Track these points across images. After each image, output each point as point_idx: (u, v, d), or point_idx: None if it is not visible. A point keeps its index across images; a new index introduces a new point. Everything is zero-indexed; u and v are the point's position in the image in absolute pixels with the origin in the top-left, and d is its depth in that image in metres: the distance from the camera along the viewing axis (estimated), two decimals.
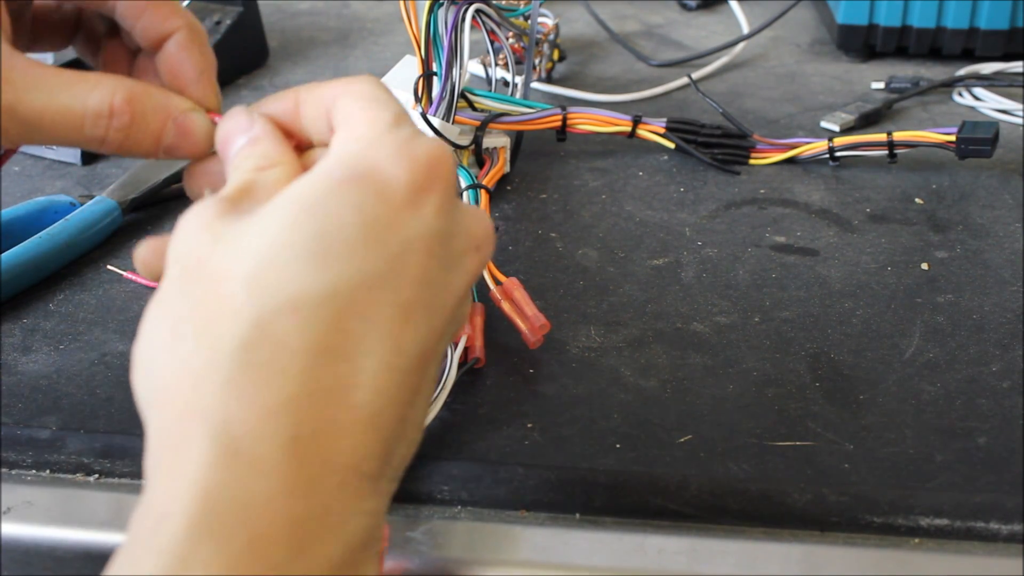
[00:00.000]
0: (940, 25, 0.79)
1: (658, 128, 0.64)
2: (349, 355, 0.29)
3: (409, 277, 0.31)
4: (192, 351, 0.29)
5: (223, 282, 0.30)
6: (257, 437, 0.28)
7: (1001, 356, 0.48)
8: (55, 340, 0.50)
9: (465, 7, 0.58)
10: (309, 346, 0.29)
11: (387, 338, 0.30)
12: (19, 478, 0.43)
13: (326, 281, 0.29)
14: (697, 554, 0.40)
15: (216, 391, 0.28)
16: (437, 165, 0.32)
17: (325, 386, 0.29)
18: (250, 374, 0.28)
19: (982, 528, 0.40)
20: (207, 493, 0.27)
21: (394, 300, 0.30)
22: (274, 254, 0.30)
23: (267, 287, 0.29)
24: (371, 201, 0.30)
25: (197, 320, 0.30)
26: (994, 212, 0.60)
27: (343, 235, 0.30)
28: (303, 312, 0.29)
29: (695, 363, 0.48)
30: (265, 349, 0.29)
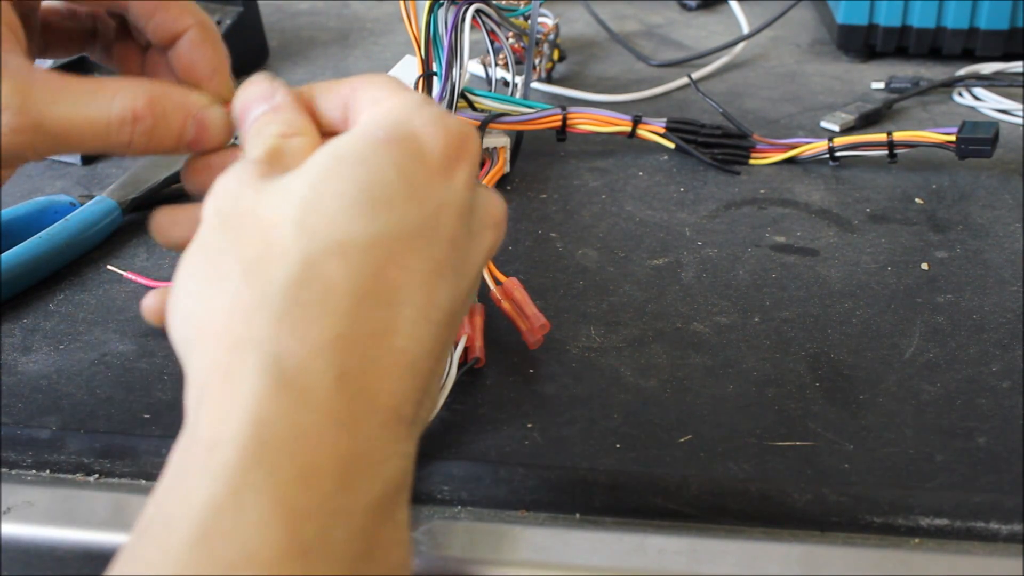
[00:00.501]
0: (940, 25, 0.79)
1: (658, 128, 0.64)
2: (391, 301, 0.31)
3: (442, 236, 0.32)
4: (241, 288, 0.30)
5: (271, 226, 0.31)
6: (308, 371, 0.29)
7: (1001, 356, 0.48)
8: (55, 340, 0.50)
9: (465, 7, 0.58)
10: (355, 288, 0.30)
11: (423, 289, 0.31)
12: (19, 478, 0.43)
13: (371, 229, 0.31)
14: (697, 554, 0.40)
15: (268, 325, 0.29)
16: (468, 139, 0.34)
17: (369, 328, 0.30)
18: (301, 310, 0.29)
19: (982, 528, 0.40)
20: (260, 422, 0.28)
21: (429, 255, 0.32)
22: (321, 201, 0.31)
23: (316, 230, 0.30)
24: (411, 161, 0.32)
25: (245, 260, 0.30)
26: (994, 212, 0.60)
27: (386, 189, 0.31)
28: (350, 256, 0.30)
29: (695, 363, 0.48)
30: (315, 288, 0.30)
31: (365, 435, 0.29)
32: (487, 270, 0.50)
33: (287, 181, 0.32)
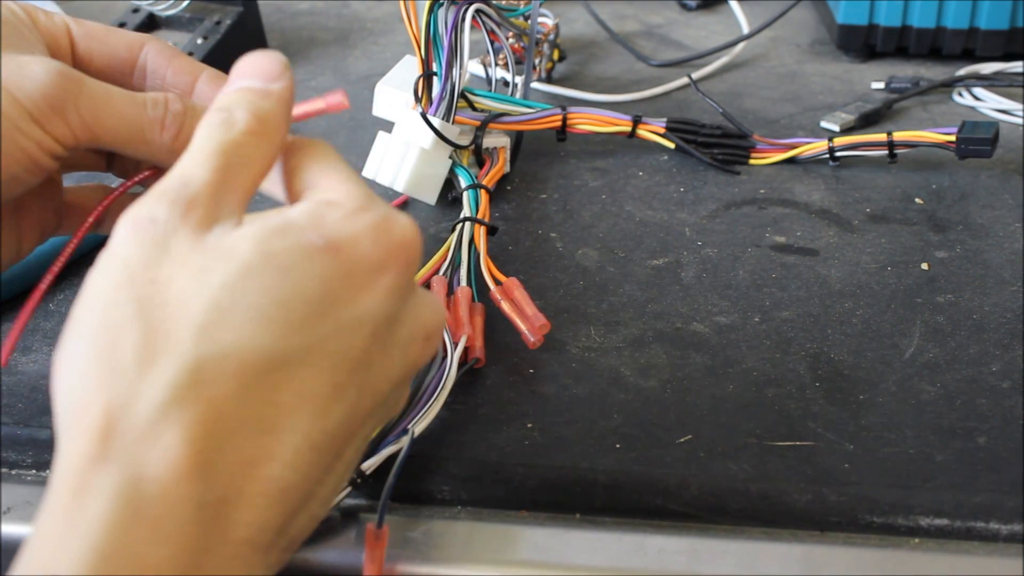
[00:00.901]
0: (940, 25, 0.79)
1: (658, 128, 0.64)
2: (274, 428, 0.29)
3: (350, 357, 0.30)
4: (126, 379, 0.28)
5: (175, 315, 0.29)
6: (166, 500, 0.27)
7: (1001, 356, 0.48)
8: (55, 340, 0.50)
9: (465, 7, 0.58)
10: (238, 412, 0.28)
11: (314, 415, 0.29)
12: (19, 478, 0.43)
13: (275, 349, 0.29)
14: (697, 554, 0.40)
15: (136, 439, 0.27)
16: (407, 247, 0.32)
17: (243, 456, 0.28)
18: (174, 428, 0.27)
19: (982, 528, 0.40)
20: (104, 557, 0.26)
21: (331, 379, 0.30)
22: (233, 309, 0.29)
23: (217, 340, 0.28)
24: (339, 276, 0.30)
25: (137, 346, 0.28)
26: (994, 212, 0.60)
27: (303, 307, 0.29)
28: (244, 377, 0.28)
29: (695, 363, 0.48)
30: (195, 404, 0.28)
31: (210, 569, 0.27)
32: (487, 270, 0.50)
33: (207, 264, 0.29)
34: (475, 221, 0.54)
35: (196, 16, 0.77)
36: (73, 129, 0.37)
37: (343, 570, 0.39)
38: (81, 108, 0.37)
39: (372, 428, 0.33)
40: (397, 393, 0.34)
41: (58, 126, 0.37)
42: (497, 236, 0.57)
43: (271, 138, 0.34)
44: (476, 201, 0.56)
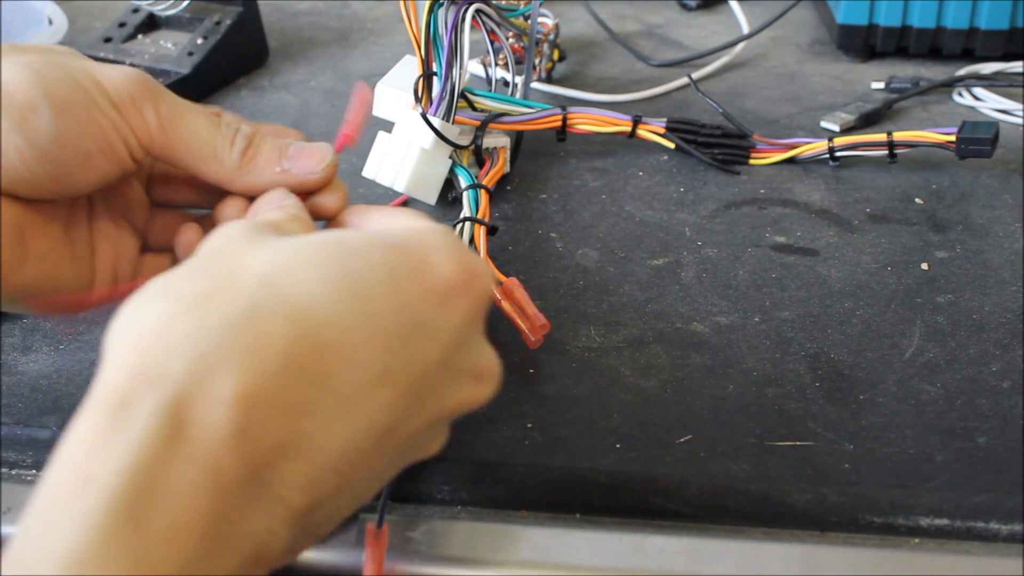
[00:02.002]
0: (940, 25, 0.79)
1: (658, 128, 0.64)
2: (319, 383, 0.29)
3: (410, 354, 0.30)
4: (179, 314, 0.29)
5: (240, 269, 0.30)
6: (204, 423, 0.27)
7: (1001, 356, 0.48)
8: (55, 340, 0.50)
9: (465, 7, 0.58)
10: (288, 354, 0.28)
11: (361, 389, 0.29)
12: (19, 478, 0.43)
13: (333, 308, 0.29)
14: (697, 554, 0.40)
15: (183, 363, 0.28)
16: (481, 278, 0.33)
17: (284, 399, 0.28)
18: (222, 356, 0.28)
19: (982, 528, 0.40)
20: (140, 468, 0.26)
21: (384, 361, 0.30)
22: (298, 265, 0.30)
23: (277, 286, 0.29)
24: (408, 274, 0.31)
25: (199, 290, 0.29)
26: (994, 212, 0.60)
27: (368, 283, 0.30)
28: (299, 323, 0.29)
29: (695, 363, 0.48)
30: (247, 338, 0.28)
31: (236, 501, 0.27)
32: None
33: (281, 241, 0.32)
34: (475, 221, 0.54)
35: (196, 16, 0.77)
36: (150, 128, 0.38)
37: (343, 570, 0.39)
38: (160, 110, 0.38)
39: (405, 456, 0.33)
40: (437, 429, 0.34)
41: (138, 119, 0.38)
42: (497, 236, 0.57)
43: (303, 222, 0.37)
44: (476, 201, 0.56)
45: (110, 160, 0.38)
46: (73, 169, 0.37)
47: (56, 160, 0.37)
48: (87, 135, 0.37)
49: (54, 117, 0.36)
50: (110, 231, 0.42)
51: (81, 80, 0.37)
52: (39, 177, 0.37)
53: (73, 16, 0.83)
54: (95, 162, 0.38)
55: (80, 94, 0.37)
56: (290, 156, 0.40)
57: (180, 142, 0.39)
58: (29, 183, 0.37)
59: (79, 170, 0.37)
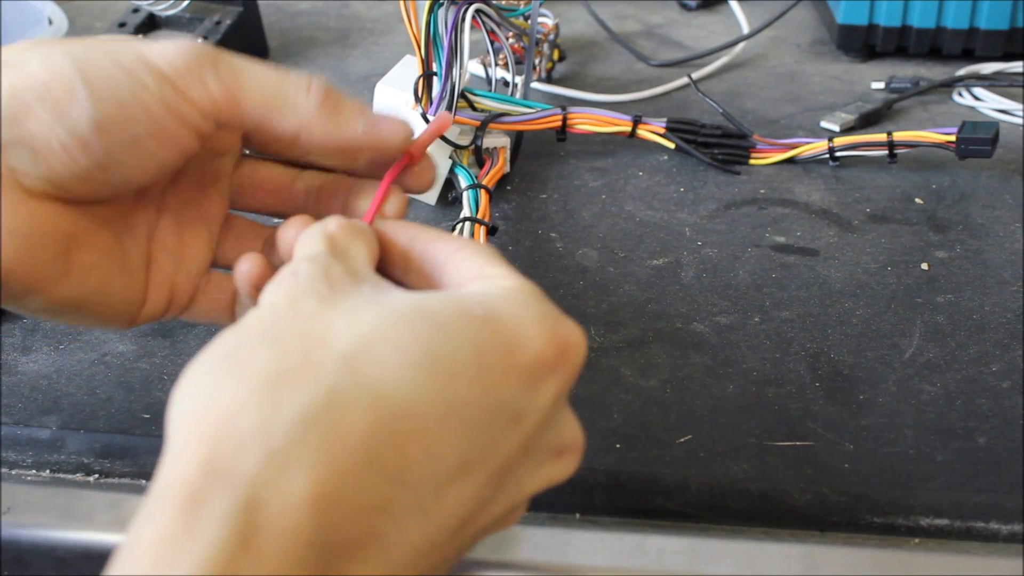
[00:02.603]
0: (940, 25, 0.79)
1: (658, 128, 0.64)
2: (396, 479, 0.27)
3: (493, 442, 0.28)
4: (251, 401, 0.27)
5: (317, 345, 0.28)
6: (279, 531, 0.25)
7: (1001, 356, 0.48)
8: (55, 340, 0.50)
9: (465, 7, 0.58)
10: (367, 448, 0.26)
11: (439, 483, 0.28)
12: (19, 478, 0.43)
13: (415, 396, 0.27)
14: (697, 554, 0.40)
15: (258, 460, 0.26)
16: (574, 351, 0.30)
17: (358, 498, 0.26)
18: (298, 453, 0.26)
19: (982, 528, 0.40)
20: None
21: (465, 451, 0.28)
22: (381, 345, 0.28)
23: (359, 371, 0.27)
24: (495, 349, 0.29)
25: (271, 369, 0.27)
26: (994, 212, 0.60)
27: (453, 364, 0.28)
28: (380, 413, 0.27)
29: (695, 363, 0.48)
30: (326, 431, 0.26)
31: None
32: None
33: (357, 306, 0.29)
34: (475, 221, 0.54)
35: (196, 16, 0.77)
36: (213, 95, 0.35)
37: None
38: (221, 73, 0.35)
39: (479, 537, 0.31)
40: (519, 509, 0.32)
41: (198, 90, 0.35)
42: (497, 236, 0.57)
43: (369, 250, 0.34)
44: (476, 201, 0.56)
45: (164, 143, 0.35)
46: (122, 157, 0.34)
47: (101, 149, 0.34)
48: (133, 119, 0.34)
49: (93, 102, 0.33)
50: (172, 243, 0.39)
51: (125, 61, 0.34)
52: (86, 170, 0.34)
53: (73, 16, 0.83)
54: (146, 147, 0.35)
55: (122, 76, 0.34)
56: (371, 119, 0.37)
57: (248, 99, 0.35)
58: (78, 178, 0.34)
59: (129, 158, 0.35)
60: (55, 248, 0.35)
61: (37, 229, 0.34)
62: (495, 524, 0.31)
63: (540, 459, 0.31)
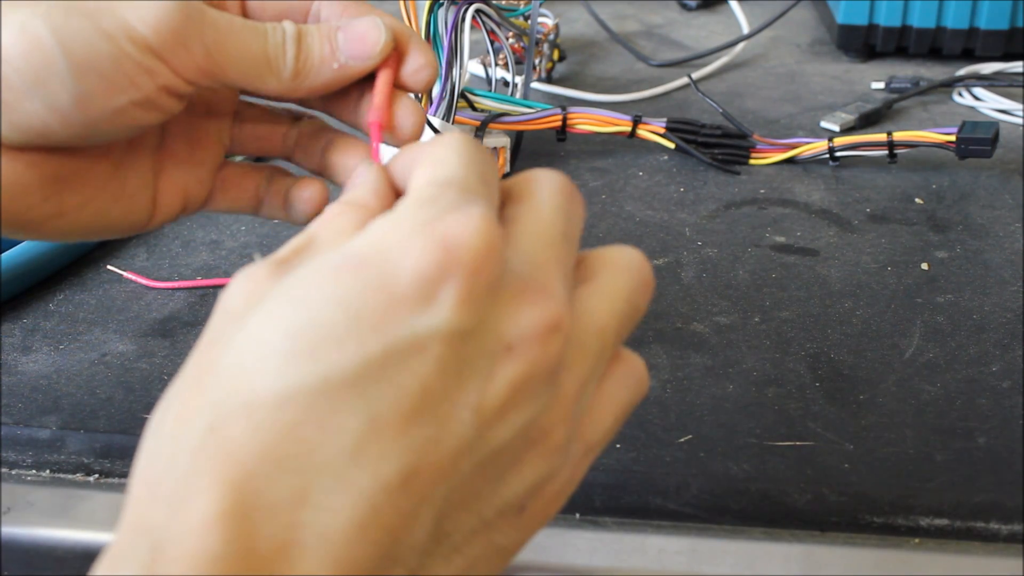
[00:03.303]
0: (940, 25, 0.79)
1: (658, 128, 0.64)
2: (301, 467, 0.25)
3: (398, 386, 0.26)
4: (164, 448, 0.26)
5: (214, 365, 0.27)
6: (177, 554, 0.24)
7: (1001, 356, 0.48)
8: (55, 340, 0.50)
9: (465, 7, 0.58)
10: (257, 452, 0.25)
11: (354, 451, 0.25)
12: (19, 478, 0.43)
13: (283, 383, 0.25)
14: (697, 554, 0.40)
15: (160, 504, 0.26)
16: (460, 248, 0.26)
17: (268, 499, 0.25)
18: (196, 481, 0.25)
19: (982, 528, 0.40)
20: None
21: (369, 407, 0.26)
22: (246, 344, 0.26)
23: (231, 381, 0.26)
24: (364, 293, 0.26)
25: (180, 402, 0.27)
26: (994, 212, 0.60)
27: (317, 332, 0.26)
28: (255, 416, 0.25)
29: (695, 363, 0.48)
30: (213, 455, 0.25)
31: None
32: None
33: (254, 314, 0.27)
34: None
35: None
36: (197, 62, 0.34)
37: None
38: (207, 39, 0.34)
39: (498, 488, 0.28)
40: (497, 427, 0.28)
41: (182, 57, 0.33)
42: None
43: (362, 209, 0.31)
44: None
45: (147, 109, 0.34)
46: (104, 126, 0.34)
47: (82, 122, 0.33)
48: (116, 90, 0.33)
49: (75, 77, 0.33)
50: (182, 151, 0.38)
51: (109, 28, 0.33)
52: (68, 136, 0.34)
53: None
54: (129, 114, 0.34)
55: (106, 45, 0.33)
56: (342, 47, 0.36)
57: (231, 66, 0.34)
58: (60, 140, 0.34)
59: (111, 126, 0.34)
60: (42, 194, 0.35)
61: (17, 182, 0.34)
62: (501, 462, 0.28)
63: (483, 367, 0.27)
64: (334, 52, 0.36)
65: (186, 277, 0.54)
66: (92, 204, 0.36)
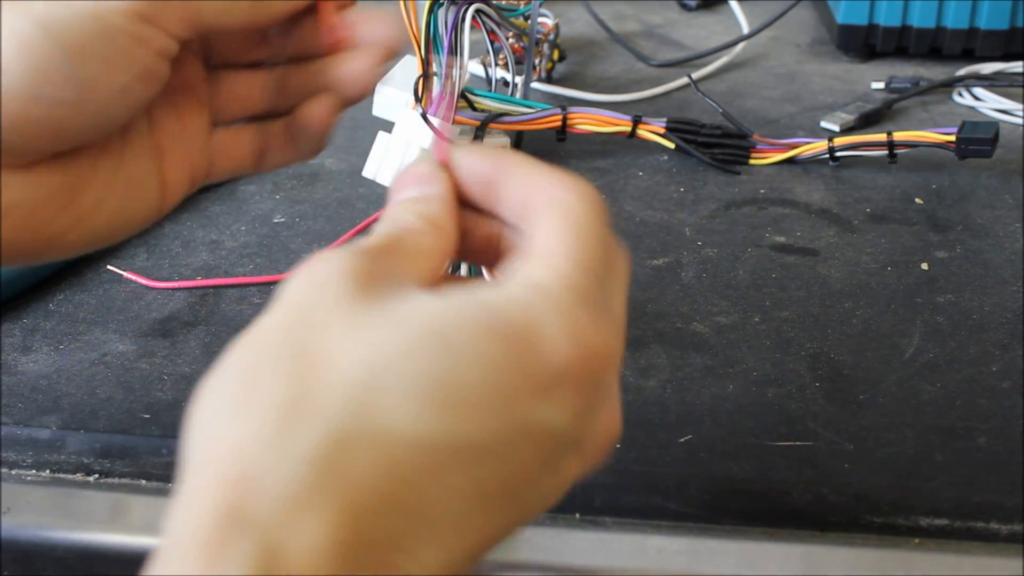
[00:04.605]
0: (940, 25, 0.79)
1: (658, 128, 0.64)
2: (411, 516, 0.26)
3: (509, 466, 0.27)
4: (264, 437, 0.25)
5: (328, 372, 0.26)
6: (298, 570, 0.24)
7: (1001, 356, 0.48)
8: (55, 340, 0.50)
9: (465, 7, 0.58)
10: (377, 488, 0.25)
11: (456, 515, 0.26)
12: (19, 478, 0.43)
13: (424, 431, 0.26)
14: (697, 554, 0.40)
15: (277, 505, 0.25)
16: (604, 365, 0.28)
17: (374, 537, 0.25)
18: (316, 498, 0.25)
19: (982, 528, 0.40)
20: None
21: (481, 480, 0.27)
22: (388, 378, 0.26)
23: (366, 409, 0.26)
24: (510, 367, 0.27)
25: (279, 401, 0.26)
26: (994, 212, 0.60)
27: (464, 392, 0.26)
28: (385, 451, 0.26)
29: (695, 363, 0.48)
30: (338, 472, 0.25)
31: None
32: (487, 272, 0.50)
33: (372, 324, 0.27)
34: None
35: None
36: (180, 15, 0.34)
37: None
38: None
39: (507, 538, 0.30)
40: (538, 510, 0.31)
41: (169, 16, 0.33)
42: None
43: (439, 233, 0.31)
44: None
45: (150, 79, 0.34)
46: (112, 110, 0.34)
47: (92, 111, 0.33)
48: (119, 69, 0.33)
49: (75, 64, 0.32)
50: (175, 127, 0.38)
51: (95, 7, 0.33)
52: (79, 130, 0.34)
53: None
54: (134, 91, 0.34)
55: (97, 25, 0.32)
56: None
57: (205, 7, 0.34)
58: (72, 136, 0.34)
59: (119, 108, 0.34)
60: (59, 204, 0.35)
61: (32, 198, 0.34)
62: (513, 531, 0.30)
63: (560, 464, 0.29)
64: None
65: (186, 277, 0.54)
66: (107, 202, 0.36)
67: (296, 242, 0.57)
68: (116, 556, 0.41)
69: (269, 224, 0.59)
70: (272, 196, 0.62)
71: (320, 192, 0.63)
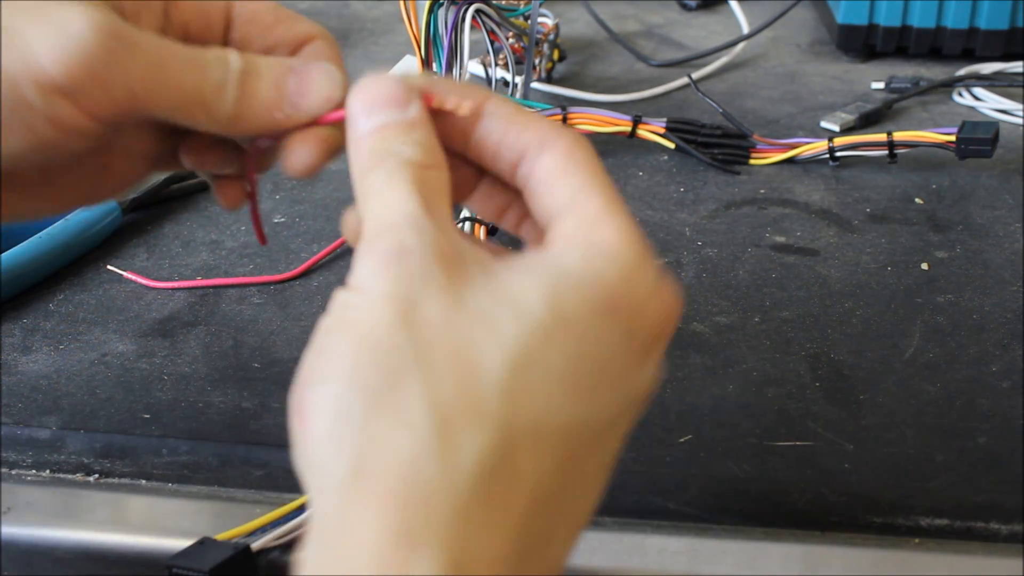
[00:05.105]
0: (940, 25, 0.79)
1: (658, 128, 0.64)
2: (560, 506, 0.26)
3: (622, 430, 0.28)
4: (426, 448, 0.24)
5: (470, 368, 0.25)
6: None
7: (1001, 356, 0.48)
8: (55, 340, 0.50)
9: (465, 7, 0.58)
10: (536, 487, 0.25)
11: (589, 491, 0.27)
12: (19, 478, 0.43)
13: (568, 417, 0.26)
14: (697, 554, 0.40)
15: (452, 519, 0.24)
16: (675, 317, 0.29)
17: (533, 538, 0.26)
18: (487, 509, 0.24)
19: (982, 528, 0.40)
20: None
21: (606, 450, 0.28)
22: (530, 369, 0.26)
23: (521, 405, 0.25)
24: (621, 341, 0.27)
25: (435, 402, 0.25)
26: (994, 212, 0.60)
27: (594, 372, 0.27)
28: (543, 446, 0.25)
29: (695, 363, 0.48)
30: (503, 480, 0.25)
31: None
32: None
33: (483, 307, 0.26)
34: (475, 221, 0.54)
35: None
36: (116, 102, 0.29)
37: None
38: (132, 76, 0.29)
39: None
40: None
41: (98, 100, 0.29)
42: (498, 236, 0.57)
43: (441, 164, 0.30)
44: None
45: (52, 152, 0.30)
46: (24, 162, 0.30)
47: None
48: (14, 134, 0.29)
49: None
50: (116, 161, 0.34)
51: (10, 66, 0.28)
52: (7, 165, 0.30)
53: None
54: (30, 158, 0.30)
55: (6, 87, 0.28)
56: (292, 93, 0.32)
57: (157, 104, 0.30)
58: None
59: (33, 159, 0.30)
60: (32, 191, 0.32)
61: None
62: None
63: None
64: (281, 99, 0.31)
65: (186, 277, 0.54)
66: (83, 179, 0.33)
67: (296, 242, 0.57)
68: (116, 556, 0.41)
69: (269, 224, 0.59)
70: (272, 196, 0.62)
71: (320, 192, 0.63)
